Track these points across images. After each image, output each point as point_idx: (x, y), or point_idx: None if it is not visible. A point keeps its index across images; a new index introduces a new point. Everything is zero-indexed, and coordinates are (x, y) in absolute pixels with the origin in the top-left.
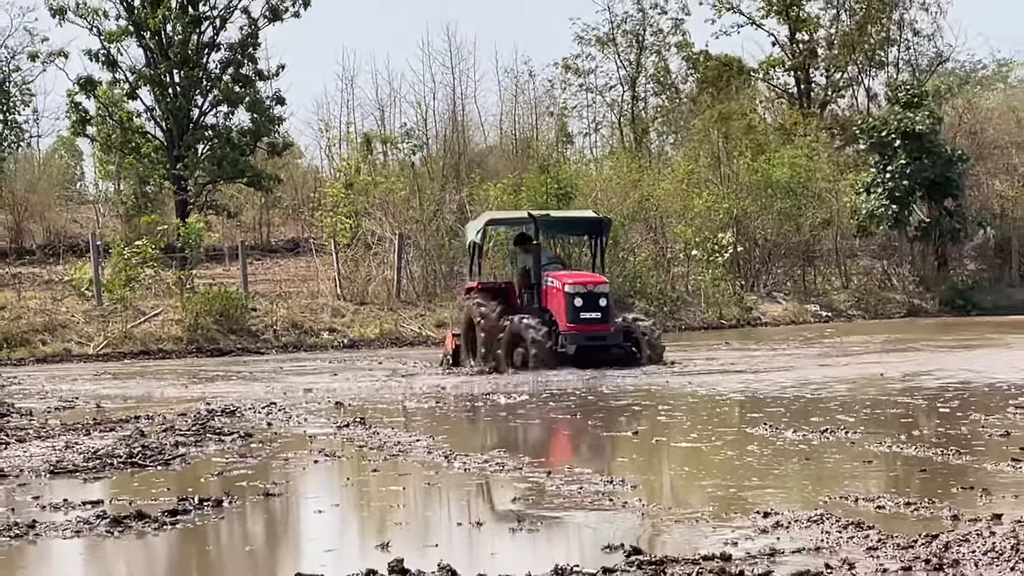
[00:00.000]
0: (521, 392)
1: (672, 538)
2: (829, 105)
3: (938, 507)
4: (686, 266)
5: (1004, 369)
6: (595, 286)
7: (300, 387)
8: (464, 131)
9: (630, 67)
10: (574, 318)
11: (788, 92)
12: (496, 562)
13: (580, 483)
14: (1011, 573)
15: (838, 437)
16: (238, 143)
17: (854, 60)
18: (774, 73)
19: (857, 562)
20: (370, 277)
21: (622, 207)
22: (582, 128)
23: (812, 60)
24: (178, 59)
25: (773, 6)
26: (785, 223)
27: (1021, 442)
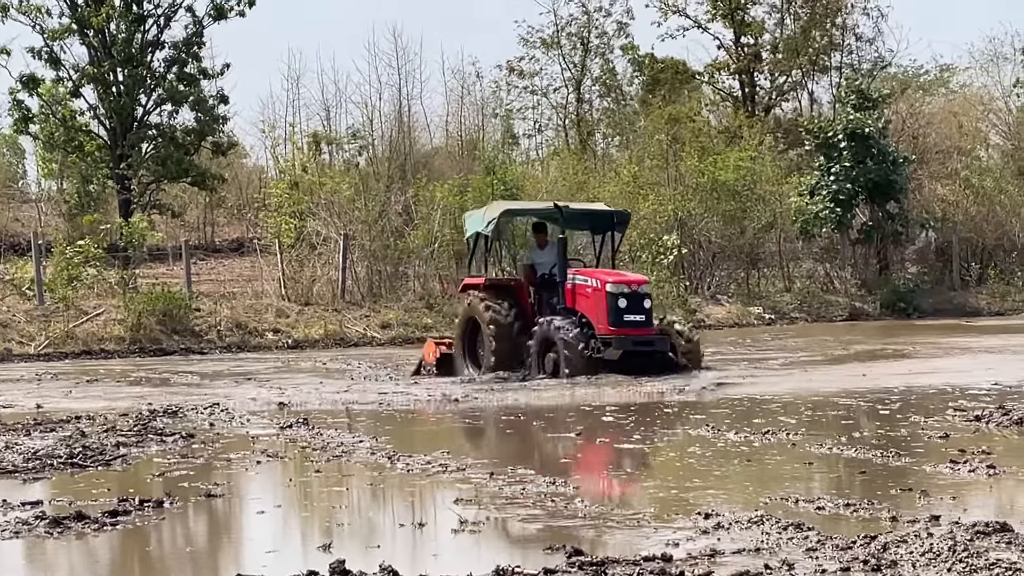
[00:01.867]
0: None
1: (614, 539)
2: (773, 109)
3: (877, 508)
4: (631, 268)
5: (946, 372)
6: (639, 286)
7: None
8: (410, 132)
9: (575, 69)
10: (617, 321)
11: (733, 95)
12: (438, 563)
13: (522, 484)
14: (948, 574)
15: (779, 439)
16: (182, 142)
17: (798, 64)
18: (719, 76)
19: (796, 563)
20: (315, 278)
21: None
22: (527, 130)
23: (757, 64)
24: (122, 57)
25: (719, 10)
26: (729, 225)
27: (960, 444)
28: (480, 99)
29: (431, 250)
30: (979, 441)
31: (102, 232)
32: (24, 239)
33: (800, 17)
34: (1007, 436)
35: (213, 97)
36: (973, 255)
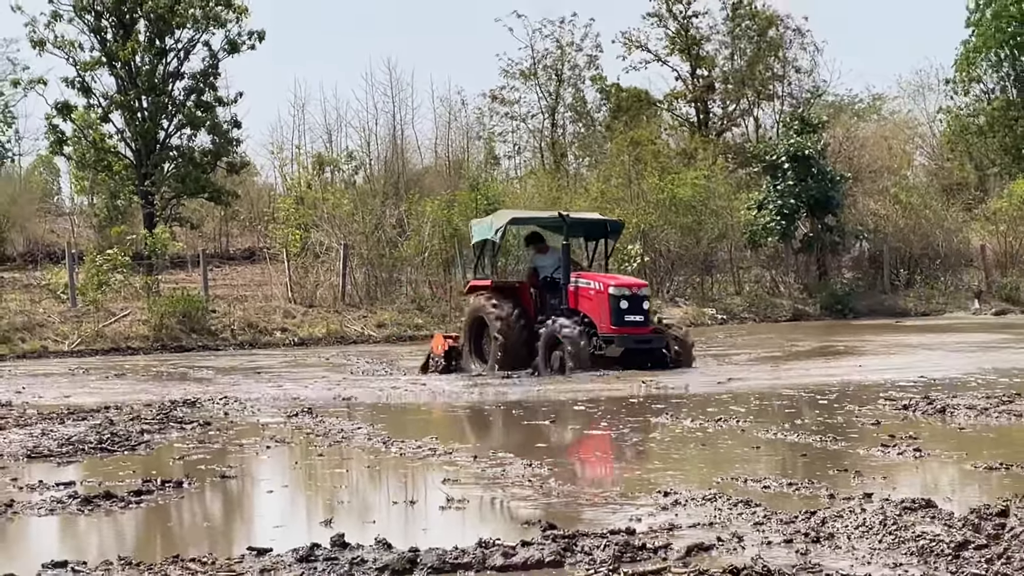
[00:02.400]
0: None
1: (584, 515)
2: (725, 133)
3: (817, 487)
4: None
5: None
6: (639, 289)
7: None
8: (403, 153)
9: (550, 98)
10: (618, 321)
11: (689, 121)
12: (427, 536)
13: (503, 466)
14: (879, 544)
15: (730, 425)
16: (200, 162)
17: (746, 94)
18: (677, 104)
19: (745, 535)
20: (318, 283)
21: None
22: (507, 151)
23: (710, 93)
24: (146, 87)
25: (676, 45)
26: (686, 236)
27: (890, 430)
28: (465, 124)
29: (422, 258)
30: (907, 427)
31: (128, 242)
32: (59, 248)
33: (747, 52)
34: (931, 423)
35: (227, 122)
36: (902, 262)
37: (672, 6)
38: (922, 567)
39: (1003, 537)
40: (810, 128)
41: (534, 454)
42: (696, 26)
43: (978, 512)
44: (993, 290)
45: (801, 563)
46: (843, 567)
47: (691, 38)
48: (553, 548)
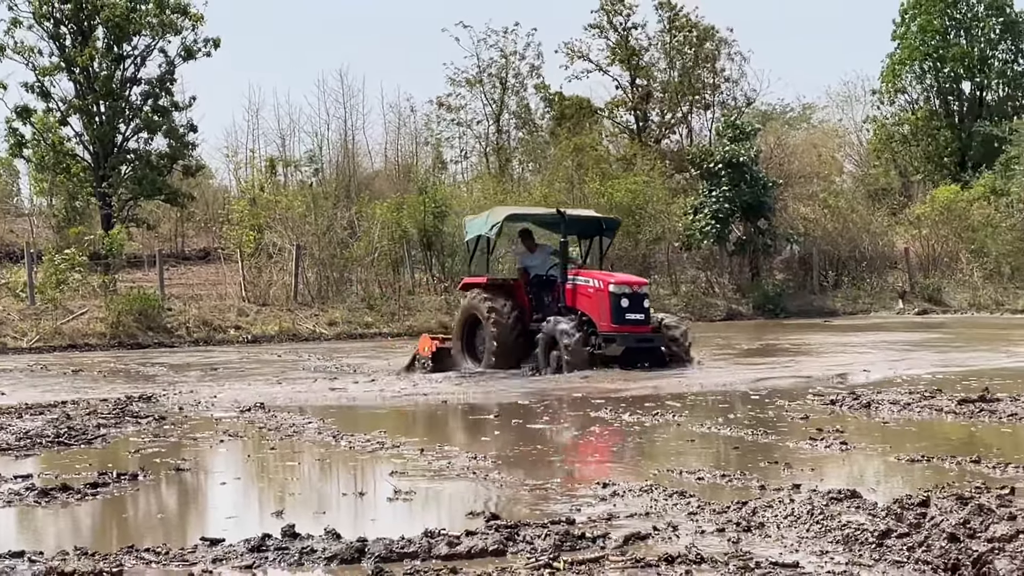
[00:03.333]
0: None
1: (526, 505)
2: (663, 140)
3: (748, 478)
4: None
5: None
6: (640, 287)
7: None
8: (354, 158)
9: (495, 105)
10: (619, 319)
11: (629, 128)
12: (375, 527)
13: (449, 459)
14: (807, 533)
15: (667, 420)
16: (156, 165)
17: (682, 103)
18: (617, 112)
19: (680, 524)
20: (271, 282)
21: None
22: (454, 156)
23: (648, 102)
24: (104, 91)
25: (617, 55)
26: (625, 239)
27: (817, 424)
28: (414, 130)
29: (372, 258)
30: (834, 422)
31: (86, 242)
32: (18, 248)
33: (683, 63)
34: (857, 417)
35: (183, 126)
36: (830, 264)
37: (612, 18)
38: (847, 554)
39: (924, 526)
40: (743, 136)
41: (479, 447)
42: (635, 37)
43: (900, 502)
44: (916, 291)
45: (733, 551)
46: (772, 554)
47: (631, 49)
48: (496, 537)
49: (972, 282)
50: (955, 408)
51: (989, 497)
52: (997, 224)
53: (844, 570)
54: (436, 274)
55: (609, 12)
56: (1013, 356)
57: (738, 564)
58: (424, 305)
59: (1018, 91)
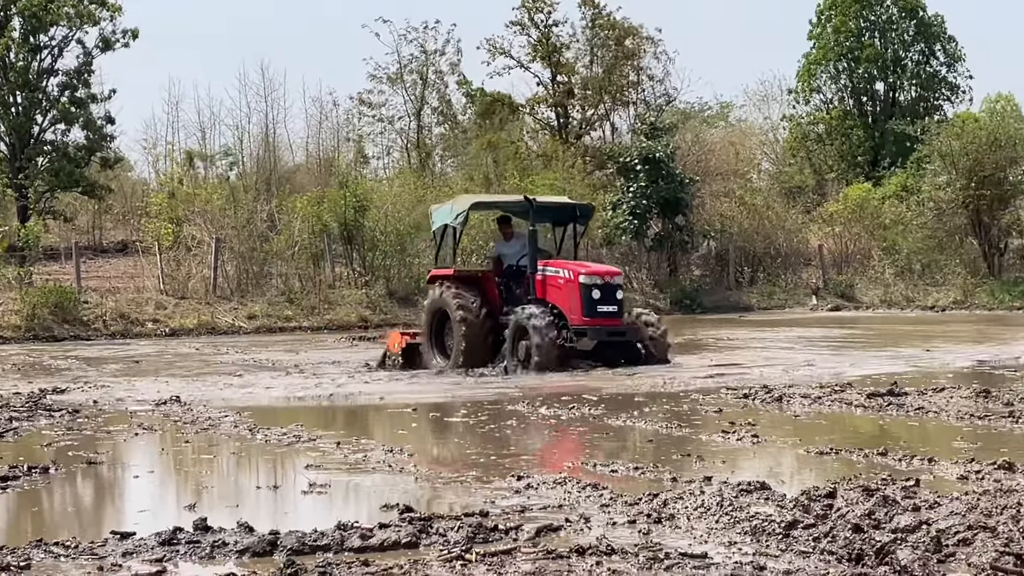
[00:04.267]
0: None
1: (440, 498)
2: (583, 136)
3: (661, 471)
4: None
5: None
6: (612, 278)
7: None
8: (275, 151)
9: (416, 101)
10: (590, 311)
11: (550, 125)
12: (288, 520)
13: (364, 452)
14: (716, 524)
15: (583, 413)
16: (74, 157)
17: (603, 100)
18: (539, 108)
19: (592, 516)
20: (190, 275)
21: (409, 219)
22: (376, 152)
23: (569, 99)
24: (20, 82)
25: (538, 52)
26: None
27: (730, 418)
28: (336, 124)
29: (292, 252)
30: (746, 415)
31: (1, 234)
32: None
33: (604, 60)
34: (769, 411)
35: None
36: (746, 261)
37: (534, 15)
38: (755, 545)
39: (830, 517)
40: (660, 132)
41: (395, 439)
42: (557, 35)
43: (808, 494)
44: (829, 287)
45: (643, 542)
46: (682, 545)
47: (552, 46)
48: (409, 530)
49: (884, 279)
50: (864, 402)
51: (894, 489)
52: (908, 222)
53: (751, 560)
54: (357, 268)
55: (531, 9)
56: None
57: (648, 555)
58: (344, 299)
59: (930, 92)
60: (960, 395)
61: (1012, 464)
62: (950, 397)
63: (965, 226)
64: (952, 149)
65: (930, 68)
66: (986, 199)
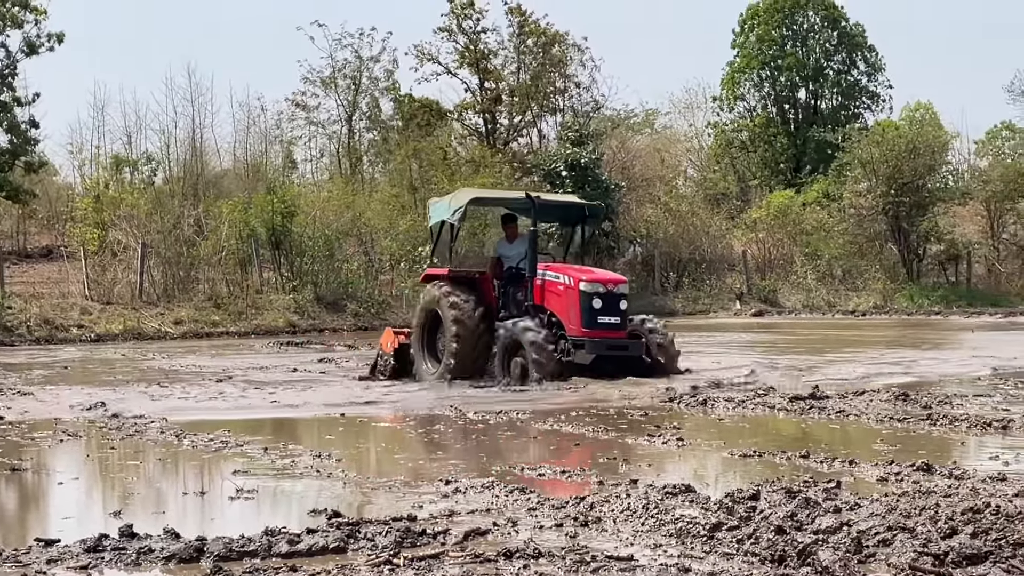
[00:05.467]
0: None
1: (368, 503)
2: (511, 143)
3: (587, 474)
4: (391, 275)
5: None
6: (615, 285)
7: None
8: (202, 156)
9: (348, 106)
10: (590, 322)
11: (478, 131)
12: (215, 526)
13: (292, 457)
14: (641, 527)
15: (511, 418)
16: None
17: (530, 107)
18: (467, 115)
19: (520, 520)
20: (116, 280)
21: (338, 224)
22: (307, 156)
23: (497, 105)
24: None
25: (466, 59)
26: (472, 240)
27: (656, 421)
28: (264, 128)
29: (219, 257)
30: (672, 418)
31: None
32: None
33: (532, 67)
34: (694, 414)
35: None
36: (671, 266)
37: (462, 22)
38: (680, 547)
39: (753, 519)
40: (586, 139)
41: (323, 444)
42: (484, 41)
43: (732, 496)
44: (753, 292)
45: (570, 545)
46: (608, 548)
47: (480, 53)
48: (337, 535)
49: (806, 284)
50: (786, 405)
51: (816, 491)
52: (830, 228)
53: (676, 562)
54: (285, 273)
55: (459, 16)
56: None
57: (574, 558)
58: (272, 304)
59: (850, 100)
60: (880, 398)
61: (930, 465)
62: (870, 400)
63: (885, 232)
64: (872, 157)
65: (851, 77)
66: (905, 206)
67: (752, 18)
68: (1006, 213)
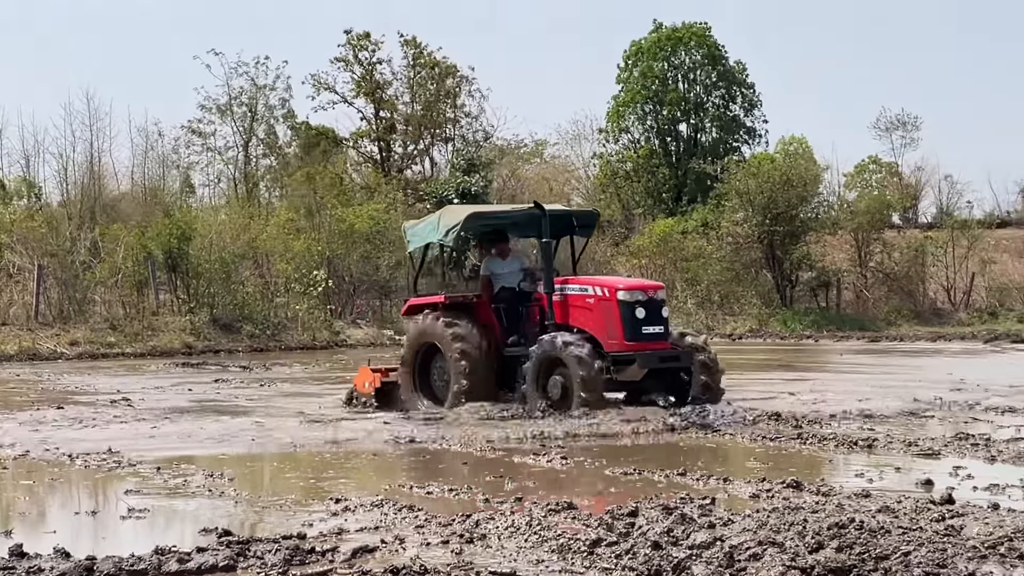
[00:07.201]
0: None
1: (260, 521)
2: (405, 170)
3: (474, 492)
4: (286, 297)
5: None
6: (656, 292)
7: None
8: (100, 179)
9: (244, 132)
10: (635, 334)
11: (373, 158)
12: (107, 545)
13: (185, 477)
14: (525, 543)
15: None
16: None
17: (423, 136)
18: (362, 142)
19: (407, 537)
20: (11, 301)
21: (234, 247)
22: (204, 181)
23: (392, 134)
24: None
25: (362, 88)
26: (367, 264)
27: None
28: (162, 153)
29: (115, 280)
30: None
31: None
32: None
33: (425, 98)
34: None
35: None
36: None
37: (358, 53)
38: (561, 563)
39: (632, 534)
40: (476, 168)
41: (216, 463)
42: (380, 72)
43: (612, 512)
44: None
45: (455, 562)
46: (492, 564)
47: (375, 83)
48: (227, 553)
49: (686, 308)
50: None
51: (692, 507)
52: (709, 255)
53: None
54: (181, 295)
55: (355, 47)
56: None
57: (459, 574)
58: (168, 326)
59: (729, 134)
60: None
61: (800, 483)
62: (744, 420)
63: (760, 259)
64: (748, 188)
65: (730, 112)
66: (779, 235)
67: (636, 54)
68: (873, 242)
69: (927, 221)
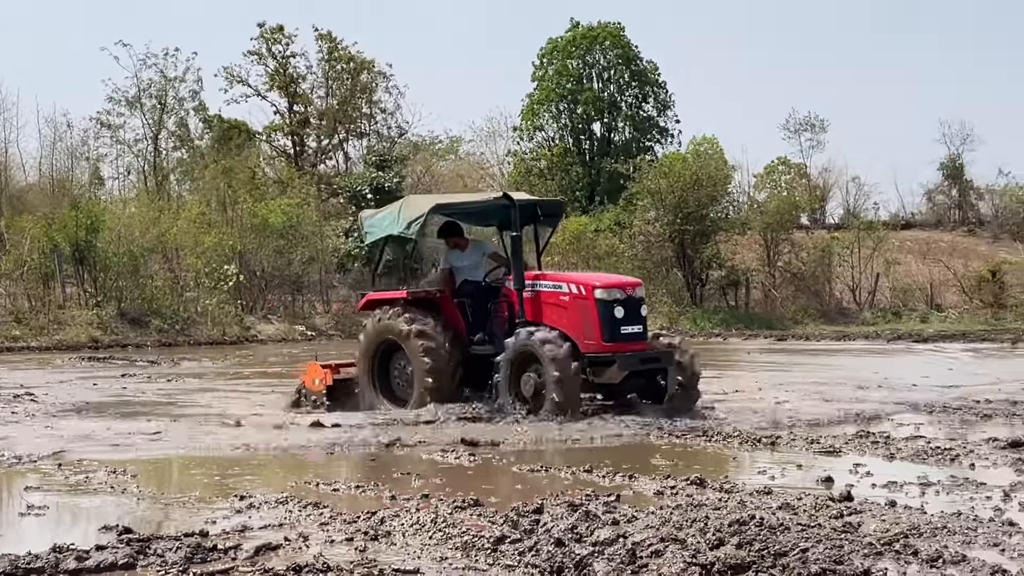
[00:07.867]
0: None
1: (161, 519)
2: (319, 165)
3: (381, 489)
4: (196, 291)
5: None
6: (634, 290)
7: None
8: (6, 170)
9: (154, 125)
10: (613, 334)
11: (287, 152)
12: (3, 542)
13: (87, 473)
14: (430, 540)
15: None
16: None
17: (337, 130)
18: (276, 136)
19: (311, 535)
20: None
21: (143, 240)
22: (114, 173)
23: (305, 128)
24: None
25: (275, 81)
26: (279, 258)
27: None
28: (71, 145)
29: (21, 272)
30: None
31: None
32: None
33: (340, 92)
34: None
35: None
36: None
37: (272, 46)
38: (465, 560)
39: (536, 532)
40: (389, 163)
41: (119, 462)
42: (294, 66)
43: (517, 509)
44: None
45: (359, 559)
46: (395, 562)
47: (289, 76)
48: (127, 551)
49: None
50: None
51: (597, 504)
52: (621, 254)
53: (460, 575)
54: (88, 289)
55: (268, 40)
56: None
57: (363, 571)
58: (75, 319)
59: (642, 133)
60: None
61: (703, 480)
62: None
63: (671, 258)
64: (660, 187)
65: (643, 112)
66: (690, 234)
67: (551, 53)
68: (781, 242)
69: (834, 222)
